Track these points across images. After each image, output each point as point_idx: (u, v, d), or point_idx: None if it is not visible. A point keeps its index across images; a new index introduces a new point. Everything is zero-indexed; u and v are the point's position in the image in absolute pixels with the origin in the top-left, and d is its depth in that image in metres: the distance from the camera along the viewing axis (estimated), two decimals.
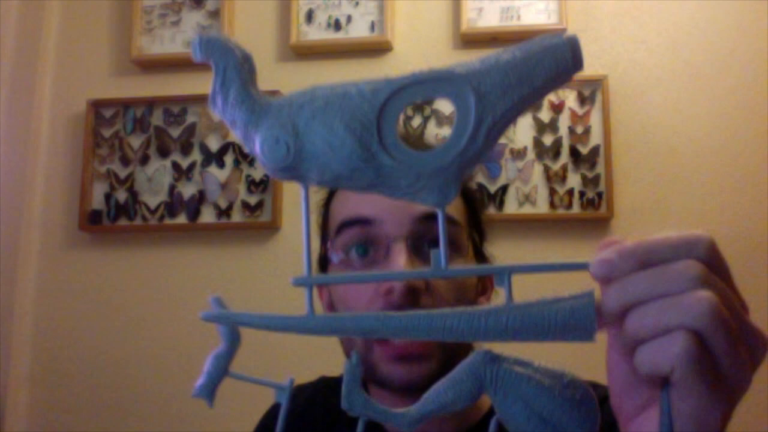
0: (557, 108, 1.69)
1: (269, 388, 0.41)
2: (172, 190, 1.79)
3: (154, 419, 1.70)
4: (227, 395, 1.84)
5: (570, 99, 1.69)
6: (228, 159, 1.78)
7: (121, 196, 1.80)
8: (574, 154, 1.67)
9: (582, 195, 1.65)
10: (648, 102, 1.69)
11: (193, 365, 1.98)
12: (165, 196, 1.79)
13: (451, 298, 0.65)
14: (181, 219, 1.77)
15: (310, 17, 1.79)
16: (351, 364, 0.37)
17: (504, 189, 1.68)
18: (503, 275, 0.36)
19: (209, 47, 0.34)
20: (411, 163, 0.33)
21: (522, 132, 1.70)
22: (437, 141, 1.70)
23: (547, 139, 1.68)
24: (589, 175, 1.66)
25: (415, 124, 1.72)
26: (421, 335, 0.37)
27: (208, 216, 1.77)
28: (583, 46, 0.34)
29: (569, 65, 0.34)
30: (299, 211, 0.82)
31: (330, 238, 0.72)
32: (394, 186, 0.34)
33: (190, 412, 1.69)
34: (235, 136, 0.35)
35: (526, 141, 1.69)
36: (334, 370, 0.86)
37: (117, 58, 1.88)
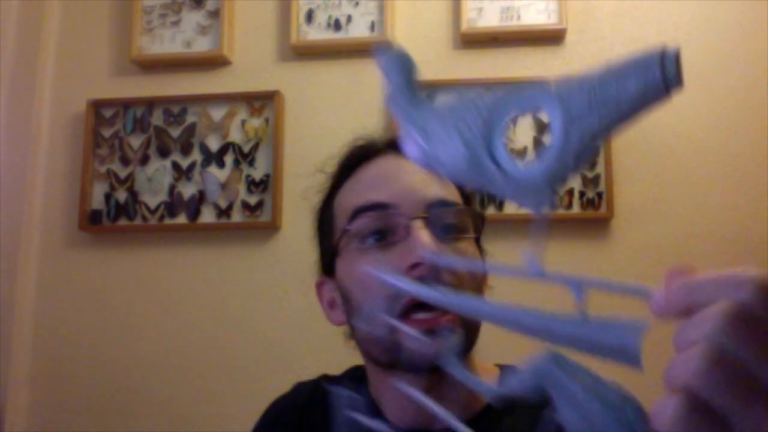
0: None
1: (270, 387, 0.41)
2: (172, 190, 1.79)
3: (154, 419, 1.70)
4: (227, 395, 1.83)
5: None
6: (228, 159, 1.78)
7: (121, 196, 1.80)
8: None
9: (582, 195, 1.65)
10: None
11: (193, 365, 1.98)
12: (165, 196, 1.79)
13: (467, 275, 0.69)
14: (181, 219, 1.77)
15: (310, 17, 1.79)
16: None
17: None
18: (578, 289, 0.37)
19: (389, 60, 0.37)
20: (511, 174, 0.34)
21: (522, 132, 1.70)
22: None
23: (547, 139, 1.69)
24: (589, 175, 1.66)
25: None
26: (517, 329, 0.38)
27: (208, 216, 1.77)
28: (583, 46, 0.33)
29: (659, 84, 0.31)
30: (299, 211, 0.81)
31: (338, 228, 0.73)
32: (501, 191, 0.36)
33: (190, 412, 1.69)
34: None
35: (526, 141, 1.69)
36: (334, 369, 0.86)
37: (117, 58, 1.88)
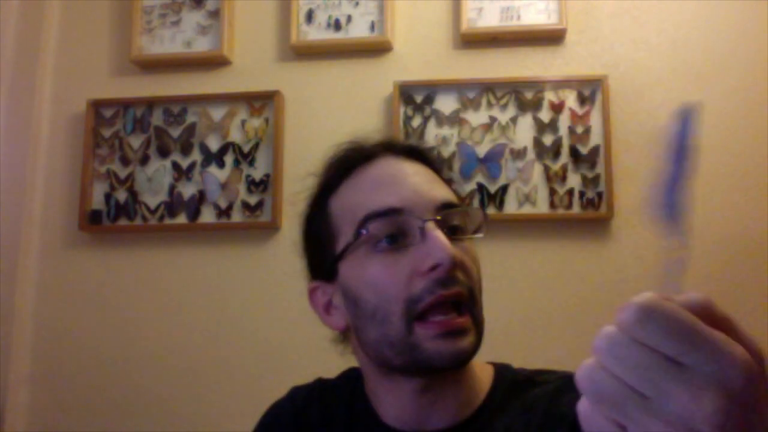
0: (557, 108, 1.69)
1: (270, 386, 0.41)
2: (172, 190, 1.79)
3: (154, 419, 1.70)
4: (227, 395, 1.83)
5: (570, 99, 1.69)
6: (228, 159, 1.78)
7: (121, 196, 1.80)
8: (574, 154, 1.67)
9: (582, 195, 1.65)
10: (648, 102, 1.69)
11: (193, 365, 1.98)
12: (165, 196, 1.79)
13: (474, 272, 0.70)
14: (181, 219, 1.77)
15: (310, 17, 1.80)
16: None
17: (504, 189, 1.68)
18: None
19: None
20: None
21: (522, 132, 1.70)
22: (437, 141, 1.71)
23: (547, 139, 1.68)
24: (589, 175, 1.66)
25: (415, 124, 1.72)
26: None
27: (208, 216, 1.77)
28: (583, 46, 0.34)
29: (680, 136, 0.37)
30: (299, 211, 0.81)
31: (340, 231, 0.73)
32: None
33: (190, 411, 1.69)
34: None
35: (526, 141, 1.69)
36: (334, 369, 0.86)
37: (117, 58, 1.88)
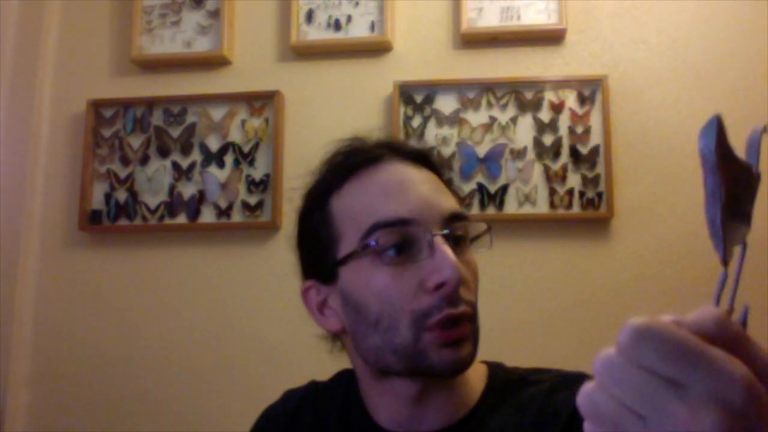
0: (557, 108, 1.69)
1: (269, 386, 0.41)
2: (172, 190, 1.79)
3: (154, 419, 1.70)
4: (227, 395, 1.83)
5: (570, 99, 1.69)
6: (228, 159, 1.78)
7: (121, 196, 1.80)
8: (574, 154, 1.67)
9: (582, 195, 1.65)
10: (648, 102, 1.69)
11: (193, 365, 1.98)
12: (165, 196, 1.79)
13: (474, 288, 0.71)
14: (181, 219, 1.77)
15: (310, 17, 1.80)
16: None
17: (504, 189, 1.68)
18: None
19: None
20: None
21: (522, 132, 1.70)
22: (437, 141, 1.71)
23: (547, 139, 1.68)
24: (589, 175, 1.66)
25: (415, 124, 1.72)
26: None
27: (208, 216, 1.77)
28: (583, 46, 0.34)
29: (703, 150, 0.38)
30: (296, 206, 0.81)
31: (342, 236, 0.72)
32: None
33: (190, 412, 1.69)
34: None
35: (526, 141, 1.69)
36: (333, 368, 0.86)
37: (117, 58, 1.88)
